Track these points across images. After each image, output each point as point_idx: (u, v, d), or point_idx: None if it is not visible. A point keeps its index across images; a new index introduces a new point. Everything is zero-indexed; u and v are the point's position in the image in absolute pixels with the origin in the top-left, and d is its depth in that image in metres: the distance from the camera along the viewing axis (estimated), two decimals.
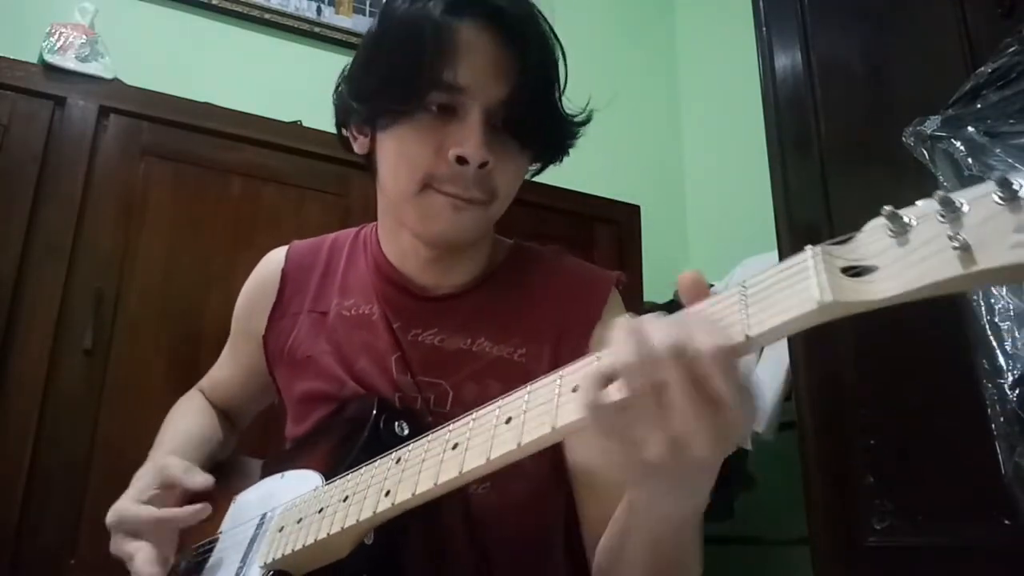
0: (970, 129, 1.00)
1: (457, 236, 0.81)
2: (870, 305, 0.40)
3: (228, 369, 1.04)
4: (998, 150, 0.97)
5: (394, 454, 0.65)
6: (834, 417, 1.25)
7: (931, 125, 1.05)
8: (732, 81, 2.46)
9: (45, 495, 1.44)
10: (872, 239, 0.41)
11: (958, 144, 1.01)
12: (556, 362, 0.83)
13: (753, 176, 1.73)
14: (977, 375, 0.97)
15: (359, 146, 0.87)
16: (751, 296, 0.44)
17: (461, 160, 0.76)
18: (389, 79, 0.78)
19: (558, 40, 0.84)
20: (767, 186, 1.41)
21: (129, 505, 0.79)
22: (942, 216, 0.37)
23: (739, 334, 0.43)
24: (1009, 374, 0.93)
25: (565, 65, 0.85)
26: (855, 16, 1.34)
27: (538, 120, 0.80)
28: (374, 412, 0.77)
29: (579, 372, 0.51)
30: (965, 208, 0.37)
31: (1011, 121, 0.97)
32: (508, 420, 0.55)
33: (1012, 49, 1.01)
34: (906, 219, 0.39)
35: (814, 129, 1.35)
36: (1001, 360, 0.94)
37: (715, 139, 2.74)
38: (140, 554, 0.75)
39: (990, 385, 0.95)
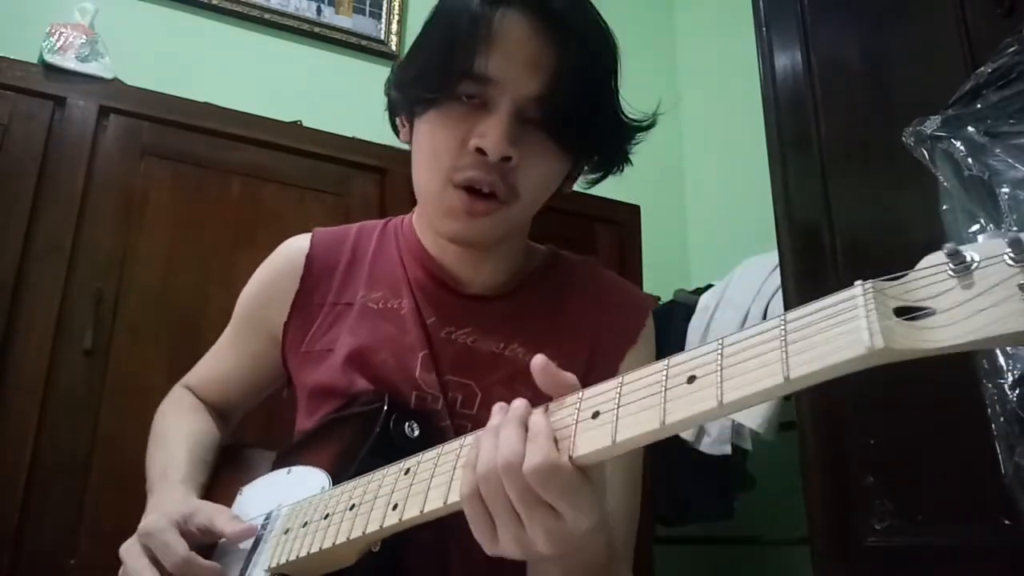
0: (970, 129, 1.00)
1: (474, 238, 0.81)
2: (924, 353, 0.36)
3: (230, 361, 0.99)
4: (998, 150, 0.97)
5: (403, 463, 0.64)
6: (834, 417, 1.24)
7: (931, 125, 1.05)
8: (732, 81, 2.46)
9: (45, 495, 1.44)
10: (930, 278, 0.37)
11: (958, 144, 1.00)
12: (587, 381, 0.82)
13: (753, 176, 1.73)
14: (977, 375, 0.97)
15: (404, 134, 0.87)
16: (792, 332, 0.41)
17: (480, 151, 0.75)
18: (424, 68, 0.79)
19: (612, 37, 0.82)
20: (767, 186, 1.41)
21: (168, 529, 0.72)
22: (1012, 259, 0.34)
23: (776, 374, 0.40)
24: (1009, 374, 0.93)
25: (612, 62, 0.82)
26: (855, 16, 1.33)
27: (577, 119, 0.78)
28: (384, 410, 0.75)
29: (600, 395, 0.53)
30: None
31: (1011, 121, 0.97)
32: None
33: (1012, 49, 1.00)
34: (968, 257, 0.36)
35: (814, 129, 1.34)
36: (1001, 360, 0.94)
37: (715, 139, 2.74)
38: None
39: (990, 385, 0.95)
